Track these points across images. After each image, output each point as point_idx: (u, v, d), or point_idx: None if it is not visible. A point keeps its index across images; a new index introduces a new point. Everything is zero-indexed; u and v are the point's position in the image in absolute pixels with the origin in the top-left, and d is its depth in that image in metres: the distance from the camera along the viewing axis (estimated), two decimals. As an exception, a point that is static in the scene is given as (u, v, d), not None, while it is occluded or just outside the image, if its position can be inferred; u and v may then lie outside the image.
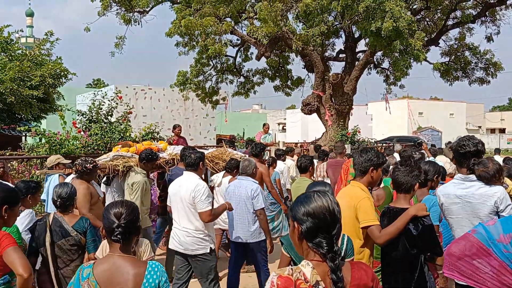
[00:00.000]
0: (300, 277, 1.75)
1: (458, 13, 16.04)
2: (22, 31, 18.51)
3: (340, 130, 14.54)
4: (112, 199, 5.76)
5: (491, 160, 3.40)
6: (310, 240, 1.81)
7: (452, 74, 17.18)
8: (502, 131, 48.39)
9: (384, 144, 19.67)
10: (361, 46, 16.78)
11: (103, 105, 9.60)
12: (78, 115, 9.63)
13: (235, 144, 13.26)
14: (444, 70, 16.31)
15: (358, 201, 3.23)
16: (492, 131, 50.56)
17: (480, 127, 49.37)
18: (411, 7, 15.09)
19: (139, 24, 15.88)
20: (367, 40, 13.08)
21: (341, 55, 16.88)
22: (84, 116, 9.59)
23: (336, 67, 37.95)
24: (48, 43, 17.42)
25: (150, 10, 15.99)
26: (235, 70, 17.55)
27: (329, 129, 14.89)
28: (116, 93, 10.11)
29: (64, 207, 3.78)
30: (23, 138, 17.50)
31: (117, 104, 9.85)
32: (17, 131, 16.35)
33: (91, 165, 5.00)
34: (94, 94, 9.99)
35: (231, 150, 7.42)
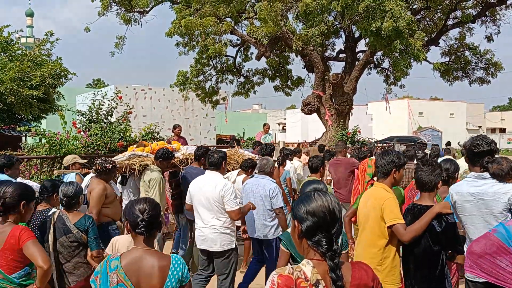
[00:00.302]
0: (301, 276, 1.76)
1: (458, 13, 16.04)
2: (22, 31, 18.51)
3: (340, 130, 14.54)
4: (128, 199, 5.93)
5: (505, 158, 3.47)
6: (310, 239, 1.83)
7: (452, 74, 17.17)
8: (502, 131, 48.38)
9: (384, 144, 19.67)
10: (361, 46, 16.79)
11: (103, 105, 9.59)
12: (78, 115, 9.63)
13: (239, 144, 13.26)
14: (444, 70, 16.31)
15: (383, 201, 3.35)
16: (493, 131, 50.53)
17: (480, 127, 49.35)
18: (411, 7, 15.08)
19: (139, 24, 15.90)
20: (367, 40, 13.08)
21: (341, 55, 16.88)
22: (84, 116, 9.59)
23: (336, 67, 37.91)
24: (48, 43, 17.40)
25: (150, 10, 16.00)
26: (235, 70, 17.55)
27: (329, 129, 14.89)
28: (116, 93, 10.11)
29: (69, 205, 3.87)
30: (23, 138, 17.50)
31: (117, 104, 9.85)
32: (17, 131, 16.35)
33: (111, 165, 5.14)
34: (94, 94, 9.98)
35: (242, 150, 7.58)
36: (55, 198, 4.17)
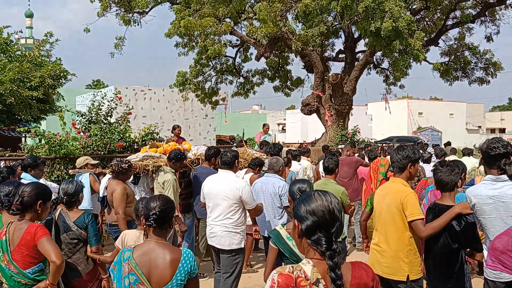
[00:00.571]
0: (301, 274, 1.79)
1: (458, 13, 16.04)
2: (22, 32, 18.53)
3: (340, 131, 14.54)
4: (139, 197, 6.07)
5: None
6: (309, 237, 1.86)
7: (451, 74, 17.18)
8: (502, 131, 48.37)
9: (384, 144, 19.64)
10: (360, 46, 16.81)
11: (102, 106, 9.57)
12: (77, 116, 9.61)
13: (247, 143, 13.28)
14: (443, 70, 16.32)
15: (405, 196, 3.49)
16: (492, 131, 50.52)
17: (480, 127, 49.34)
18: (410, 7, 15.08)
19: (138, 24, 15.92)
20: (367, 40, 13.08)
21: (340, 55, 16.88)
22: (83, 117, 9.57)
23: (336, 67, 38.00)
24: (48, 44, 17.42)
25: (149, 11, 16.02)
26: (234, 70, 17.56)
27: (329, 129, 14.89)
28: (115, 93, 10.08)
29: (70, 203, 3.95)
30: (23, 139, 17.49)
31: (116, 105, 9.83)
32: (16, 132, 16.36)
33: (127, 165, 5.32)
34: (93, 95, 9.96)
35: (251, 150, 7.76)
36: None
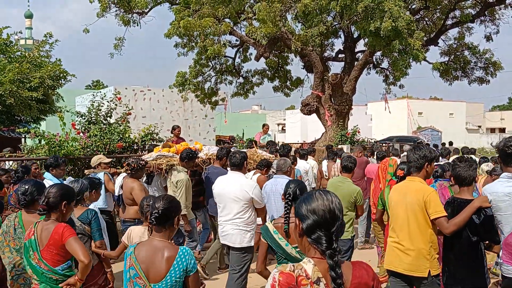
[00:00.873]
0: (302, 273, 1.81)
1: (457, 12, 16.04)
2: (21, 33, 18.57)
3: (340, 130, 14.53)
4: None
5: None
6: (310, 236, 1.88)
7: (451, 74, 17.17)
8: (502, 130, 48.35)
9: (384, 144, 19.64)
10: (360, 46, 16.79)
11: (102, 106, 9.59)
12: (77, 117, 9.62)
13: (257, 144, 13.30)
14: (443, 69, 16.30)
15: (427, 194, 3.61)
16: (492, 130, 50.53)
17: (480, 126, 49.34)
18: (410, 7, 15.09)
19: (138, 25, 15.89)
20: (366, 40, 13.07)
21: (340, 55, 16.87)
22: (83, 117, 9.58)
23: (335, 67, 37.95)
24: (47, 45, 17.42)
25: (149, 11, 16.00)
26: (234, 70, 17.54)
27: (328, 129, 14.88)
28: (115, 94, 10.09)
29: (76, 202, 4.03)
30: (23, 139, 17.49)
31: (116, 105, 9.84)
32: (16, 133, 16.35)
33: (143, 161, 5.63)
34: (93, 95, 9.97)
35: (260, 151, 7.93)
36: (93, 194, 4.58)
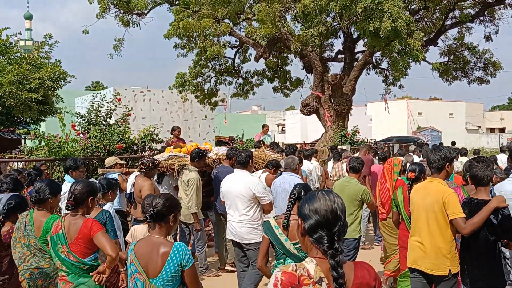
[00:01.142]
0: (304, 273, 1.82)
1: (457, 12, 16.04)
2: (21, 34, 18.63)
3: (340, 131, 14.53)
4: None
5: None
6: (311, 236, 1.89)
7: (451, 74, 17.17)
8: (502, 130, 48.38)
9: (384, 145, 19.64)
10: (359, 46, 16.79)
11: (102, 107, 9.58)
12: (77, 118, 9.62)
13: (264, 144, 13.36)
14: (443, 70, 16.31)
15: (447, 195, 3.67)
16: (492, 130, 50.56)
17: (479, 126, 49.37)
18: (409, 7, 15.08)
19: (137, 26, 15.90)
20: (366, 40, 13.08)
21: (339, 56, 16.86)
22: (83, 118, 9.58)
23: (335, 68, 37.97)
24: (47, 46, 17.42)
25: (148, 12, 16.00)
26: (233, 71, 17.54)
27: (328, 130, 14.88)
28: (115, 95, 10.09)
29: None
30: (23, 141, 17.50)
31: (116, 106, 9.84)
32: (16, 134, 16.35)
33: (157, 161, 5.85)
34: (93, 96, 9.98)
35: (268, 151, 8.13)
36: (110, 194, 4.73)
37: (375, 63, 17.02)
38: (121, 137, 8.84)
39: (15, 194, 4.40)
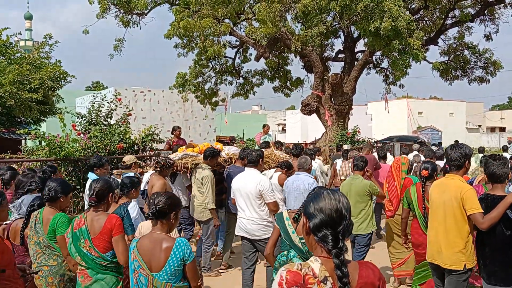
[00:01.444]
0: (309, 272, 1.82)
1: (457, 12, 16.05)
2: (21, 34, 18.60)
3: (340, 130, 14.53)
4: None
5: None
6: (316, 234, 1.89)
7: (451, 73, 17.18)
8: (502, 129, 48.36)
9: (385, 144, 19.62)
10: (360, 46, 16.81)
11: (102, 107, 9.58)
12: (77, 118, 9.62)
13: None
14: (443, 69, 16.31)
15: (465, 191, 3.77)
16: (492, 130, 50.54)
17: (480, 126, 49.36)
18: (409, 7, 15.09)
19: (137, 26, 15.91)
20: (366, 40, 13.08)
21: (340, 55, 16.88)
22: (83, 118, 9.58)
23: (335, 67, 37.96)
24: (47, 46, 17.41)
25: (148, 12, 16.01)
26: (234, 71, 17.55)
27: (329, 129, 14.88)
28: (115, 95, 10.09)
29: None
30: (23, 141, 17.50)
31: (116, 106, 9.84)
32: (16, 134, 16.33)
33: (172, 160, 5.96)
34: (93, 96, 9.97)
35: (277, 151, 8.19)
36: (133, 192, 4.78)
37: (375, 62, 17.03)
38: (121, 137, 8.85)
39: (38, 196, 4.40)
